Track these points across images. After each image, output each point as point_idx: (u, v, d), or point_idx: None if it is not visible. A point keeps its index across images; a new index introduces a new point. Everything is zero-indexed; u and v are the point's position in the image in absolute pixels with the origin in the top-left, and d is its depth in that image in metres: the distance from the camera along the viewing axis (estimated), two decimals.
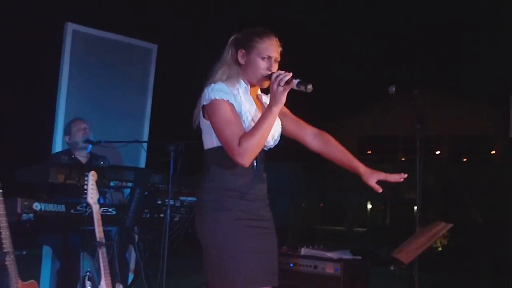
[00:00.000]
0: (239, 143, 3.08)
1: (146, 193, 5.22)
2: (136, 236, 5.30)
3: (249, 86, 3.33)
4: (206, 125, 3.25)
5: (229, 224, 3.17)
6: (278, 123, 3.36)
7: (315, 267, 5.30)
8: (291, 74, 3.16)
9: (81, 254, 5.06)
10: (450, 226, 4.82)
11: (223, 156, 3.19)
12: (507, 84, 7.83)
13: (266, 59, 3.28)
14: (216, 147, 3.22)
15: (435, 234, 4.80)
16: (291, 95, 3.23)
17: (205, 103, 3.20)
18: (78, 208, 4.81)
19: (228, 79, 3.26)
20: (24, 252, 4.66)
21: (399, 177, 3.38)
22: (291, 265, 5.36)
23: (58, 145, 6.24)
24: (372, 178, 3.35)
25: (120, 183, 5.22)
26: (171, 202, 5.12)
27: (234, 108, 3.18)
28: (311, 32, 8.07)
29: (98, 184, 4.48)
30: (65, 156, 5.71)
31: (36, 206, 4.65)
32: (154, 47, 7.05)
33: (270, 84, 3.18)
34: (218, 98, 3.16)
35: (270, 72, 3.25)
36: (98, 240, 4.35)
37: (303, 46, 7.60)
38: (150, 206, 5.27)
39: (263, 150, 3.29)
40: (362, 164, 3.41)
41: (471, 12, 8.14)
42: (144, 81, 6.99)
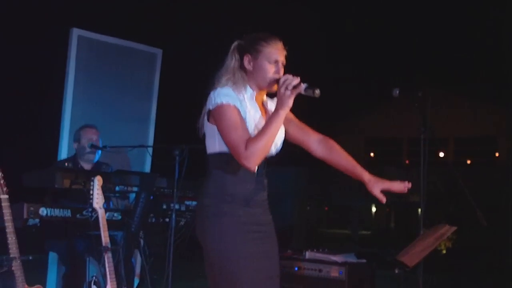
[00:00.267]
0: (246, 146, 3.09)
1: (152, 197, 5.23)
2: (141, 241, 5.32)
3: (255, 92, 3.34)
4: (210, 129, 3.26)
5: (229, 229, 3.18)
6: (281, 131, 3.36)
7: (319, 270, 5.30)
8: (299, 78, 3.17)
9: (87, 259, 5.08)
10: (454, 229, 4.82)
11: (225, 161, 3.21)
12: (511, 85, 7.83)
13: (274, 63, 3.29)
14: (219, 153, 3.23)
15: (439, 237, 4.81)
16: (296, 98, 3.25)
17: (211, 107, 3.21)
18: (84, 213, 4.82)
19: (233, 85, 3.26)
20: (30, 257, 4.65)
21: (403, 186, 3.37)
22: (296, 268, 5.38)
23: (64, 150, 6.27)
24: (376, 187, 3.34)
25: (125, 188, 5.22)
26: (176, 207, 5.14)
27: (240, 113, 3.19)
28: (315, 35, 8.09)
29: (104, 189, 4.50)
30: (70, 163, 5.74)
31: (42, 211, 4.67)
32: (159, 52, 7.08)
33: (277, 88, 3.19)
34: (224, 102, 3.17)
35: (279, 76, 3.25)
36: (103, 245, 4.37)
37: (307, 49, 7.62)
38: (156, 211, 5.29)
39: (265, 158, 3.27)
40: (366, 171, 3.39)
41: (476, 13, 8.15)
42: (149, 86, 7.02)
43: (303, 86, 3.16)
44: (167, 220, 5.22)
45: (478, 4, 7.99)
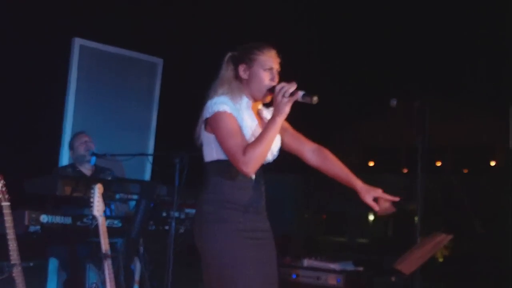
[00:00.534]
0: (244, 152, 3.13)
1: (152, 205, 5.25)
2: (141, 248, 5.34)
3: (251, 101, 3.39)
4: (207, 138, 3.30)
5: (227, 235, 3.21)
6: (278, 138, 3.40)
7: (317, 278, 5.33)
8: (295, 86, 3.21)
9: (87, 266, 5.11)
10: (450, 237, 4.84)
11: (222, 168, 3.26)
12: (507, 94, 7.87)
13: (269, 71, 3.34)
14: (216, 160, 3.28)
15: (436, 245, 4.83)
16: (294, 108, 3.29)
17: (208, 116, 3.26)
18: (85, 220, 4.87)
19: (229, 94, 3.31)
20: (31, 264, 4.70)
21: (393, 198, 3.42)
22: (294, 276, 5.41)
23: (65, 157, 6.31)
24: (369, 196, 3.39)
25: (125, 196, 5.27)
26: (176, 214, 5.14)
27: (237, 120, 3.24)
28: (313, 44, 8.13)
29: (104, 196, 4.54)
30: (70, 170, 5.79)
31: (43, 218, 4.70)
32: (159, 61, 7.13)
33: (274, 95, 3.23)
34: (221, 110, 3.22)
35: (275, 84, 3.30)
36: (104, 251, 4.38)
37: (305, 59, 7.67)
38: (155, 218, 5.32)
39: (262, 165, 3.31)
40: (359, 180, 3.44)
41: (472, 23, 8.20)
42: (150, 94, 7.07)
43: (300, 93, 3.20)
44: (167, 227, 5.23)
45: (476, 15, 8.05)
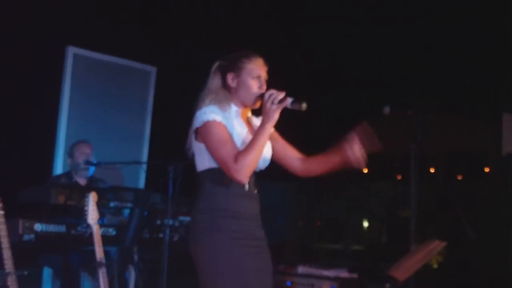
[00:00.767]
0: (235, 160, 3.15)
1: (146, 213, 5.26)
2: (135, 256, 5.34)
3: (240, 109, 3.41)
4: (198, 148, 3.31)
5: (222, 243, 3.21)
6: (268, 146, 3.42)
7: (312, 285, 5.34)
8: (284, 93, 3.24)
9: (81, 274, 5.11)
10: (444, 244, 4.86)
11: (215, 177, 3.27)
12: (500, 101, 7.91)
13: (257, 79, 3.36)
14: (209, 169, 3.29)
15: (429, 252, 4.85)
16: (287, 116, 3.32)
17: (198, 125, 3.27)
18: (79, 228, 4.88)
19: (218, 103, 3.32)
20: (25, 272, 4.68)
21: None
22: (289, 283, 5.42)
23: (59, 166, 6.32)
24: (350, 150, 3.41)
25: (120, 204, 5.27)
26: (170, 222, 5.17)
27: (226, 128, 3.26)
28: (303, 52, 8.14)
29: (98, 205, 4.54)
30: (64, 179, 5.79)
31: (37, 227, 4.72)
32: (153, 69, 7.15)
33: (263, 102, 3.26)
34: (210, 119, 3.23)
35: (263, 91, 3.33)
36: (98, 260, 4.37)
37: (295, 66, 7.69)
38: (150, 226, 5.32)
39: (254, 172, 3.34)
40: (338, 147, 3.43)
41: (464, 30, 8.22)
42: (143, 103, 7.08)
43: (289, 100, 3.22)
44: (161, 235, 5.24)
45: (469, 22, 8.08)
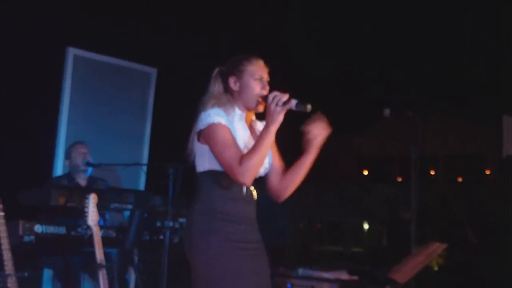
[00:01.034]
0: (240, 162, 3.15)
1: (146, 215, 5.26)
2: (135, 258, 5.34)
3: (243, 113, 3.41)
4: (200, 149, 3.31)
5: (218, 246, 3.20)
6: (269, 153, 3.41)
7: (312, 287, 5.34)
8: (288, 95, 3.24)
9: (81, 276, 5.10)
10: (444, 246, 4.86)
11: (214, 179, 3.26)
12: (500, 104, 7.91)
13: (259, 80, 3.37)
14: (208, 171, 3.29)
15: (430, 254, 4.85)
16: (289, 119, 3.30)
17: (202, 127, 3.27)
18: (79, 230, 4.87)
19: (221, 107, 3.32)
20: (25, 274, 4.68)
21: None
22: (289, 285, 5.41)
23: (59, 167, 6.31)
24: (312, 135, 3.38)
25: (120, 206, 5.27)
26: (171, 224, 5.15)
27: (231, 131, 3.26)
28: (303, 54, 8.15)
29: (99, 206, 4.53)
30: (65, 180, 5.79)
31: (38, 228, 4.71)
32: (153, 71, 7.15)
33: (267, 104, 3.25)
34: (215, 121, 3.23)
35: (266, 93, 3.33)
36: (98, 261, 4.37)
37: (296, 68, 7.69)
38: (150, 228, 5.31)
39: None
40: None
41: (464, 32, 8.23)
42: (143, 104, 7.08)
43: (293, 102, 3.22)
44: (161, 237, 5.23)
45: (470, 24, 8.09)
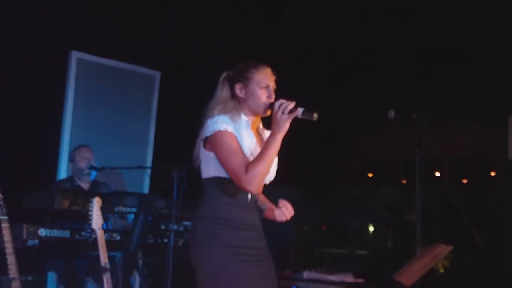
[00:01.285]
0: (246, 170, 3.15)
1: (150, 218, 5.26)
2: (140, 261, 5.33)
3: (250, 119, 3.39)
4: (206, 155, 3.30)
5: (222, 251, 3.20)
6: (275, 162, 3.39)
7: None
8: (294, 103, 3.23)
9: (86, 279, 5.09)
10: (450, 248, 4.84)
11: (220, 186, 3.26)
12: (506, 105, 7.89)
13: (265, 89, 3.35)
14: (213, 177, 3.28)
15: (435, 257, 4.83)
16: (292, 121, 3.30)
17: (208, 134, 3.26)
18: (83, 233, 4.87)
19: (227, 114, 3.31)
20: (29, 278, 4.69)
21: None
22: None
23: (63, 171, 6.31)
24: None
25: (124, 209, 5.27)
26: (175, 227, 5.16)
27: (237, 139, 3.25)
28: (308, 57, 8.14)
29: (103, 210, 4.52)
30: (68, 184, 5.78)
31: (42, 232, 4.71)
32: (157, 74, 7.14)
33: (273, 112, 3.24)
34: (222, 129, 3.22)
35: (272, 101, 3.32)
36: (102, 265, 4.36)
37: (301, 71, 7.68)
38: (154, 231, 5.32)
39: None
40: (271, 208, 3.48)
41: (469, 34, 8.22)
42: (147, 107, 7.08)
43: (300, 110, 3.21)
44: (166, 240, 5.23)
45: (474, 25, 8.08)
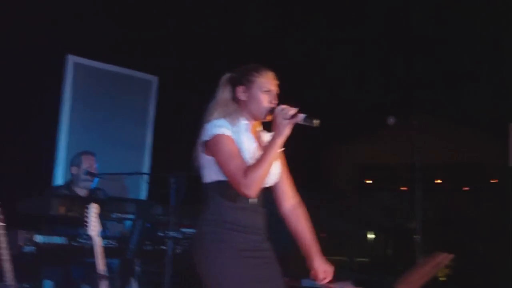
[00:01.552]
0: (245, 175, 3.14)
1: (148, 225, 5.22)
2: (137, 269, 5.30)
3: (249, 123, 3.38)
4: (206, 160, 3.29)
5: (227, 255, 3.19)
6: (278, 164, 3.40)
7: None
8: (296, 108, 3.23)
9: (82, 287, 5.05)
10: (451, 256, 4.82)
11: (222, 190, 3.25)
12: (506, 112, 7.87)
13: (267, 93, 3.35)
14: (216, 181, 3.27)
15: (436, 265, 4.80)
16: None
17: (207, 138, 3.26)
18: (80, 240, 4.83)
19: (227, 116, 3.31)
20: (25, 286, 4.63)
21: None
22: None
23: (59, 176, 6.26)
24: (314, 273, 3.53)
25: (121, 215, 5.24)
26: (173, 234, 5.13)
27: (235, 143, 3.24)
28: (309, 63, 8.12)
29: (100, 216, 4.48)
30: (64, 190, 5.73)
31: (38, 239, 4.66)
32: (154, 79, 7.10)
33: (274, 117, 3.24)
34: (220, 133, 3.22)
35: (273, 105, 3.32)
36: (99, 272, 4.32)
37: (301, 75, 7.65)
38: (152, 238, 5.28)
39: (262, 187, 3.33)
40: (319, 257, 3.55)
41: (469, 40, 8.21)
42: (145, 112, 7.04)
43: (301, 116, 3.21)
44: (164, 247, 5.19)
45: (473, 31, 8.07)
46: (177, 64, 7.09)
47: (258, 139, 3.43)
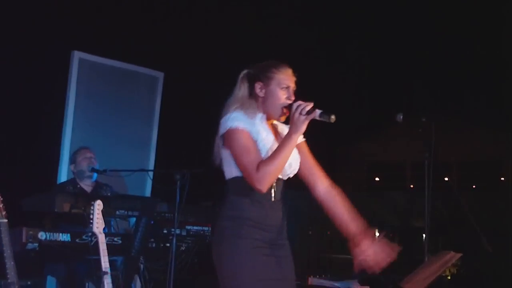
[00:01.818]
0: (257, 169, 3.13)
1: (152, 222, 5.21)
2: (141, 266, 5.28)
3: (265, 115, 3.37)
4: (226, 155, 3.30)
5: (246, 251, 3.19)
6: (296, 152, 3.38)
7: None
8: (312, 104, 3.21)
9: (86, 284, 5.04)
10: (459, 255, 4.78)
11: (241, 186, 3.24)
12: None
13: (285, 89, 3.34)
14: (235, 177, 3.27)
15: (444, 264, 4.77)
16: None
17: (223, 132, 3.26)
18: (84, 237, 4.81)
19: (244, 111, 3.30)
20: (29, 283, 4.62)
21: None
22: None
23: (63, 173, 6.24)
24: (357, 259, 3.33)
25: (126, 212, 5.22)
26: (177, 232, 5.11)
27: (251, 136, 3.24)
28: (317, 60, 8.09)
29: (104, 213, 4.46)
30: (70, 186, 5.72)
31: (41, 235, 4.64)
32: (160, 75, 7.06)
33: (291, 112, 3.23)
34: (234, 126, 3.22)
35: (291, 101, 3.30)
36: (103, 269, 4.30)
37: (311, 73, 7.61)
38: (156, 236, 5.26)
39: (281, 180, 3.34)
40: (364, 238, 3.35)
41: (479, 38, 8.17)
42: (150, 109, 7.00)
43: (317, 112, 3.19)
44: (168, 245, 5.19)
45: (481, 31, 8.03)
46: (183, 60, 7.07)
47: (274, 131, 3.42)
